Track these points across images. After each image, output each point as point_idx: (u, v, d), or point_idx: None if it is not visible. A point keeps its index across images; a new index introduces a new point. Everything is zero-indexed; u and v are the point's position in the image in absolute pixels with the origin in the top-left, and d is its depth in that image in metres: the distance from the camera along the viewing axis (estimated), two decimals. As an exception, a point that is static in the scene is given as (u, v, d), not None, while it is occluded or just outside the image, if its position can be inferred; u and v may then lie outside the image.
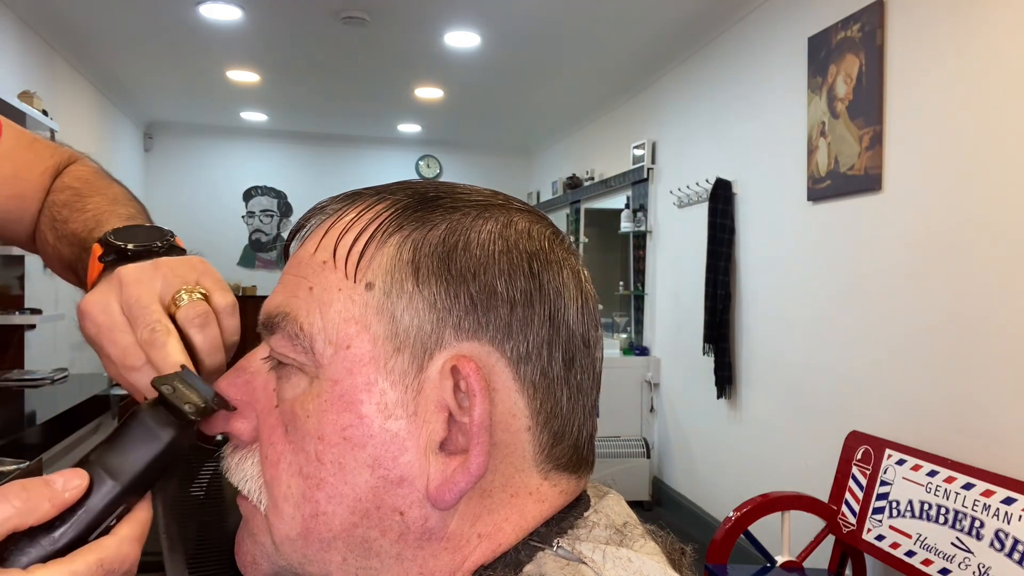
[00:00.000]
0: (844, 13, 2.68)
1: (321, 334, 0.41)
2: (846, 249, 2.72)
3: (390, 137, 6.92)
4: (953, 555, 2.00)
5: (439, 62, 4.44)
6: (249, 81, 4.98)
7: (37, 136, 0.78)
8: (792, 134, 3.03)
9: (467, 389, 0.39)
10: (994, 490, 1.95)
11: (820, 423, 2.85)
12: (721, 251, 3.51)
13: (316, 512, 0.41)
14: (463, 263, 0.41)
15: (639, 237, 4.69)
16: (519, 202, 0.46)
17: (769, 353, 3.24)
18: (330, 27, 3.83)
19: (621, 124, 5.10)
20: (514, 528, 0.42)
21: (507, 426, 0.41)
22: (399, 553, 0.41)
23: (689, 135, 4.06)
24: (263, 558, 0.44)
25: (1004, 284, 2.06)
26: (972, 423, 2.15)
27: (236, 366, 0.46)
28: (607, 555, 0.40)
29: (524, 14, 3.62)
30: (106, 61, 4.54)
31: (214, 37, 4.05)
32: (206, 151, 6.71)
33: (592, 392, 0.45)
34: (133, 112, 5.98)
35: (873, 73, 2.53)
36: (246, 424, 0.45)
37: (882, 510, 2.28)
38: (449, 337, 0.40)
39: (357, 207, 0.44)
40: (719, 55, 3.72)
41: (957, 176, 2.22)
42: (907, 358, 2.41)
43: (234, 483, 0.45)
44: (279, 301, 0.44)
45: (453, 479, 0.39)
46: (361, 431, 0.40)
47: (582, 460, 0.45)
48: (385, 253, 0.41)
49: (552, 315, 0.42)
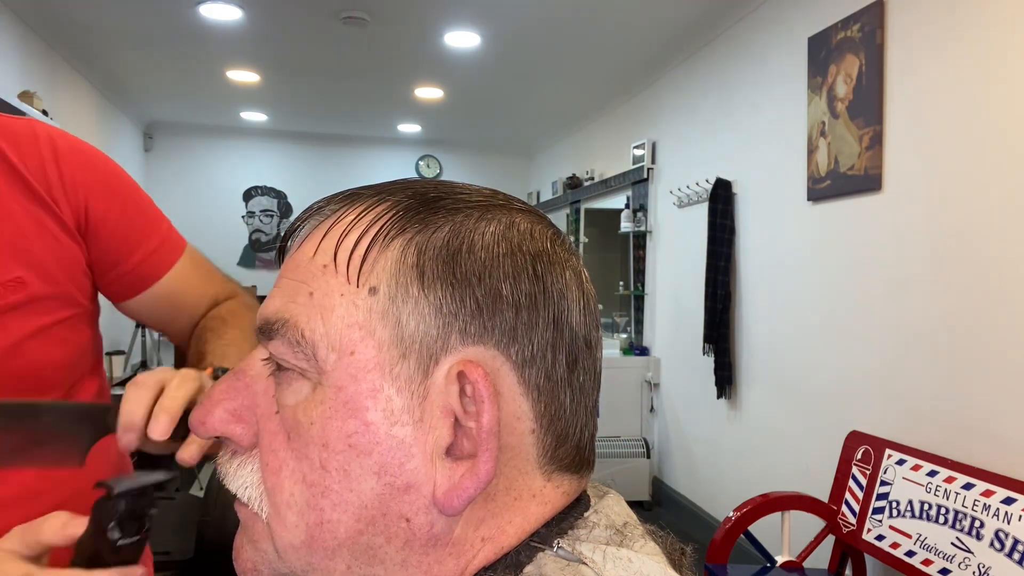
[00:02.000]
0: (844, 13, 2.68)
1: (324, 340, 0.40)
2: (846, 249, 2.72)
3: (390, 137, 6.92)
4: (953, 555, 2.00)
5: (439, 62, 4.44)
6: (249, 81, 4.98)
7: (213, 268, 1.03)
8: (792, 134, 3.03)
9: (475, 395, 0.39)
10: (994, 490, 1.95)
11: (820, 423, 2.85)
12: (721, 251, 3.51)
13: (321, 520, 0.40)
14: (468, 266, 0.40)
15: (639, 237, 4.69)
16: (519, 202, 0.46)
17: (769, 353, 3.24)
18: (330, 27, 3.83)
19: (621, 124, 5.10)
20: (516, 530, 0.42)
21: (512, 429, 0.41)
22: (404, 560, 0.41)
23: (689, 135, 4.06)
24: (264, 565, 0.43)
25: (1004, 284, 2.06)
26: (972, 423, 2.15)
27: (235, 369, 0.46)
28: (607, 555, 0.40)
29: (524, 14, 3.62)
30: (106, 61, 4.54)
31: (214, 37, 4.05)
32: (206, 151, 6.71)
33: (593, 393, 0.45)
34: (133, 112, 5.98)
35: (873, 73, 2.53)
36: (246, 429, 0.44)
37: (882, 510, 2.28)
38: (455, 342, 0.40)
39: (356, 208, 0.43)
40: (719, 55, 3.72)
41: (957, 176, 2.22)
42: (907, 358, 2.41)
43: (232, 489, 0.44)
44: (278, 306, 0.43)
45: (461, 485, 0.39)
46: (367, 438, 0.39)
47: (584, 461, 0.45)
48: (388, 257, 0.41)
49: (556, 317, 0.42)
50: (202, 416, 0.44)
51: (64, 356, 0.88)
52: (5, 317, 0.82)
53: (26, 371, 0.84)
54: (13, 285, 0.82)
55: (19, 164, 0.84)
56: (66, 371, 0.89)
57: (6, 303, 0.81)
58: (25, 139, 0.86)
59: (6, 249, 0.82)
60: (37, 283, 0.84)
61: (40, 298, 0.84)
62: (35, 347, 0.84)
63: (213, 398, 0.44)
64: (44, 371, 0.86)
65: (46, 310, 0.85)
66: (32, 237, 0.84)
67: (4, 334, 0.82)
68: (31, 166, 0.85)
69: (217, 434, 0.44)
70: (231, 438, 0.44)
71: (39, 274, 0.84)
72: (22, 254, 0.83)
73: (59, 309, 0.87)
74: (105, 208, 0.89)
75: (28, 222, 0.84)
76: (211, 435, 0.44)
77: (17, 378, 0.84)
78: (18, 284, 0.82)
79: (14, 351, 0.83)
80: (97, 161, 0.91)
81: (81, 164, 0.88)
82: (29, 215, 0.84)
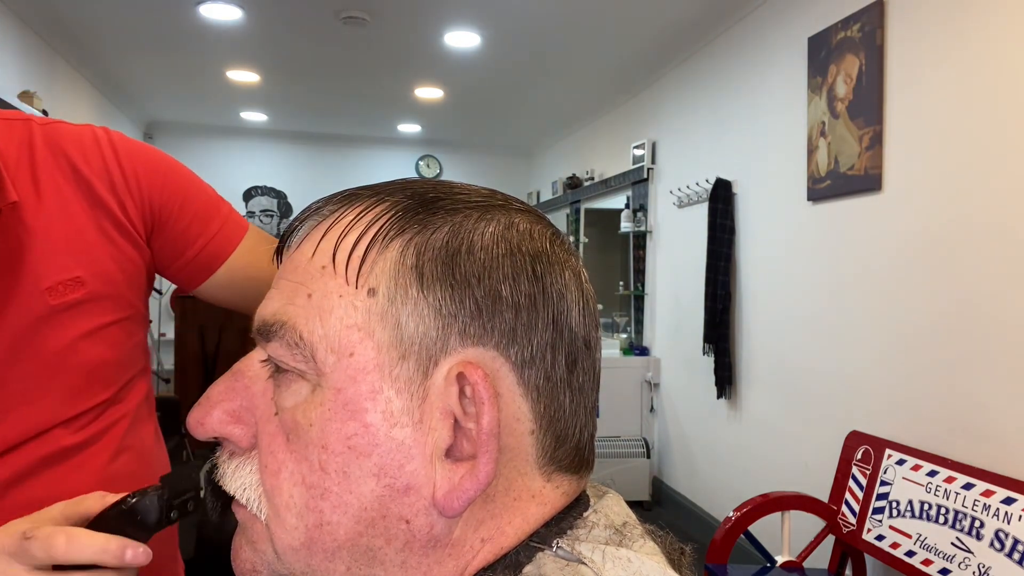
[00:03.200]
0: (844, 13, 2.68)
1: (322, 342, 0.40)
2: (846, 249, 2.72)
3: (390, 137, 6.92)
4: (953, 555, 2.00)
5: (439, 62, 4.44)
6: (249, 81, 4.98)
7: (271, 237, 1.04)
8: (792, 134, 3.03)
9: (475, 396, 0.39)
10: (994, 490, 1.95)
11: (820, 423, 2.85)
12: (721, 251, 3.51)
13: (321, 522, 0.40)
14: (467, 267, 0.40)
15: (639, 237, 4.69)
16: (518, 201, 0.46)
17: (769, 353, 3.24)
18: (330, 27, 3.83)
19: (621, 124, 5.10)
20: (516, 531, 0.42)
21: (511, 431, 0.41)
22: (404, 561, 0.41)
23: (689, 135, 4.06)
24: (263, 566, 0.43)
25: (1004, 284, 2.06)
26: (972, 423, 2.15)
27: (232, 370, 0.45)
28: (607, 555, 0.40)
29: (524, 14, 3.62)
30: (106, 61, 4.54)
31: (214, 37, 4.05)
32: (206, 151, 6.71)
33: (592, 393, 0.45)
34: (133, 112, 5.98)
35: (873, 73, 2.53)
36: (244, 431, 0.43)
37: (882, 510, 2.28)
38: (454, 343, 0.40)
39: (355, 209, 0.43)
40: (719, 55, 3.72)
41: (957, 176, 2.22)
42: (907, 358, 2.41)
43: (230, 491, 0.44)
44: (276, 308, 0.42)
45: (461, 486, 0.39)
46: (366, 440, 0.39)
47: (583, 461, 0.45)
48: (387, 258, 0.40)
49: (555, 318, 0.42)
50: (200, 417, 0.44)
51: (117, 357, 0.90)
52: (63, 315, 0.84)
53: (81, 369, 0.86)
54: (72, 284, 0.84)
55: (84, 168, 0.87)
56: (119, 371, 0.91)
57: (64, 301, 0.84)
58: (88, 143, 0.89)
59: (68, 249, 0.84)
60: (95, 283, 0.86)
61: (97, 298, 0.86)
62: (90, 346, 0.86)
63: (212, 399, 0.44)
64: (98, 370, 0.88)
65: (103, 311, 0.87)
66: (93, 239, 0.86)
67: (61, 332, 0.84)
68: (96, 168, 0.88)
69: (215, 435, 0.44)
70: (229, 439, 0.44)
71: (97, 275, 0.86)
72: (82, 255, 0.85)
73: (115, 311, 0.89)
74: (168, 200, 0.92)
75: (90, 225, 0.86)
76: (209, 436, 0.44)
77: (72, 375, 0.85)
78: (77, 283, 0.84)
79: (70, 349, 0.85)
80: (155, 157, 0.95)
81: (142, 162, 0.91)
82: (92, 219, 0.87)
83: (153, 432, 1.00)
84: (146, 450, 0.97)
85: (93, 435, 0.89)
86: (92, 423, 0.89)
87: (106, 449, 0.90)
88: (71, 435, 0.86)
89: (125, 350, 0.92)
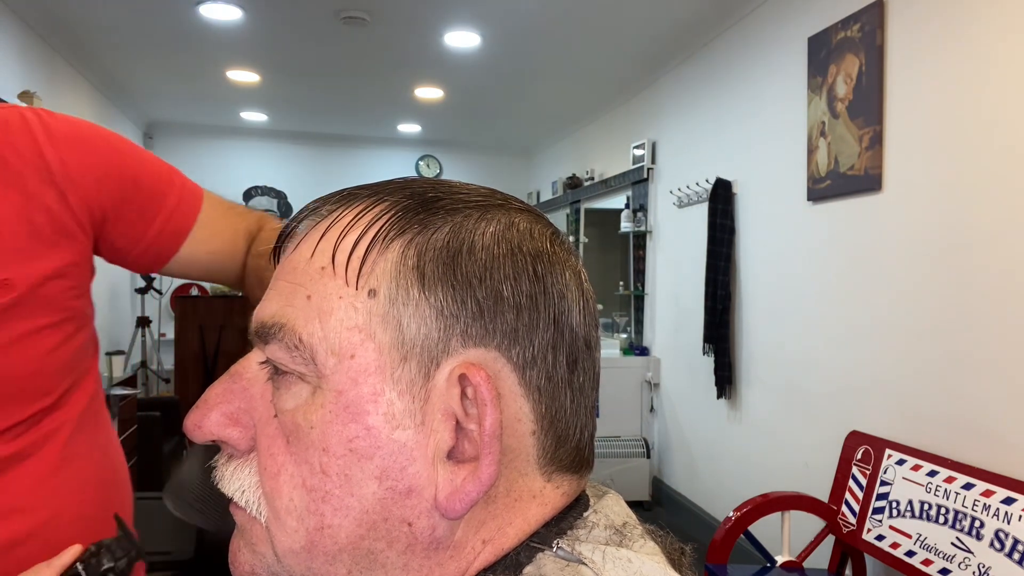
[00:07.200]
0: (844, 13, 2.68)
1: (323, 344, 0.40)
2: (846, 249, 2.72)
3: (390, 137, 6.92)
4: (953, 555, 2.00)
5: (439, 62, 4.44)
6: (249, 81, 4.98)
7: (232, 204, 1.00)
8: (792, 134, 3.03)
9: (477, 398, 0.39)
10: (994, 490, 1.95)
11: (820, 423, 2.85)
12: (721, 251, 3.51)
13: (322, 525, 0.40)
14: (469, 268, 0.40)
15: (639, 237, 4.69)
16: (517, 201, 0.46)
17: (769, 353, 3.24)
18: (330, 27, 3.83)
19: (621, 124, 5.10)
20: (517, 532, 0.42)
21: (513, 431, 0.41)
22: (406, 564, 0.41)
23: (689, 135, 4.06)
24: (263, 569, 0.43)
25: (1004, 284, 2.06)
26: (972, 423, 2.15)
27: (231, 371, 0.45)
28: (607, 555, 0.40)
29: (524, 14, 3.62)
30: (106, 61, 4.54)
31: (214, 37, 4.05)
32: (206, 151, 6.71)
33: (592, 393, 0.45)
34: (133, 112, 5.98)
35: (873, 73, 2.53)
36: (243, 433, 0.43)
37: (882, 510, 2.28)
38: (456, 344, 0.39)
39: (354, 209, 0.42)
40: (719, 55, 3.72)
41: (957, 176, 2.22)
42: (907, 358, 2.41)
43: (228, 494, 0.43)
44: (274, 310, 0.42)
45: (463, 488, 0.39)
46: (368, 442, 0.39)
47: (583, 461, 0.45)
48: (388, 258, 0.40)
49: (556, 318, 0.42)
50: (198, 420, 0.43)
51: (54, 362, 0.84)
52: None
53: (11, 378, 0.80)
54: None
55: (13, 158, 0.78)
56: (56, 378, 0.85)
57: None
58: (16, 128, 0.79)
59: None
60: (25, 285, 0.79)
61: (28, 302, 0.79)
62: (20, 353, 0.80)
63: (209, 401, 0.44)
64: (32, 378, 0.82)
65: (35, 314, 0.80)
66: (23, 238, 0.79)
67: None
68: (27, 157, 0.79)
69: (213, 438, 0.43)
70: (228, 442, 0.44)
71: (28, 276, 0.79)
72: (10, 255, 0.78)
73: (49, 313, 0.82)
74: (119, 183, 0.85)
75: (20, 221, 0.78)
76: (207, 439, 0.43)
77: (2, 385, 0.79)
78: (5, 286, 0.77)
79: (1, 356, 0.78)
80: (95, 135, 0.86)
81: (82, 145, 0.83)
82: (22, 214, 0.78)
83: (106, 436, 0.94)
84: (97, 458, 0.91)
85: (28, 445, 0.82)
86: (26, 433, 0.82)
87: (45, 460, 0.84)
88: (2, 446, 0.80)
89: (63, 354, 0.84)
